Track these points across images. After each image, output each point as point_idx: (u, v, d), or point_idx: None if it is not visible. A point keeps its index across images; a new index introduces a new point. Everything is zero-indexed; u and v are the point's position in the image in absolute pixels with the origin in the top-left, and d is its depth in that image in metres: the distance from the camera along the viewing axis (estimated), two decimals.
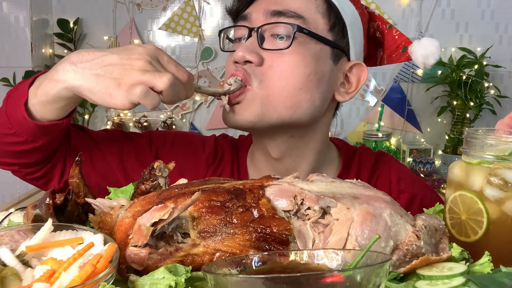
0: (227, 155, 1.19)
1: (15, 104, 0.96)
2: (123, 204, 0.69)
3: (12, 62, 2.50)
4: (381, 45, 1.16)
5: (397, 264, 0.62)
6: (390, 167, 1.16)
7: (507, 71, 2.52)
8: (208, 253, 0.61)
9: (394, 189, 1.12)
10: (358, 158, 1.17)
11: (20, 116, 0.94)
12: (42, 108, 0.93)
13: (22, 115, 0.94)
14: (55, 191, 0.72)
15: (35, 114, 0.94)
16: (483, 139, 0.72)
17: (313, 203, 0.65)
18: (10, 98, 0.99)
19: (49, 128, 0.97)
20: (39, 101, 0.92)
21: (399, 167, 1.19)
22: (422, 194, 1.12)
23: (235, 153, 1.20)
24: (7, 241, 0.64)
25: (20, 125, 0.95)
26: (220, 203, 0.64)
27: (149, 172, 0.72)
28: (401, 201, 1.08)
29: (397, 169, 1.17)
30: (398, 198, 1.08)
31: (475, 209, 0.71)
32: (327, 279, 0.48)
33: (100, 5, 2.61)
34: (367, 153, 1.20)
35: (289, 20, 1.00)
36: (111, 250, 0.57)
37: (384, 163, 1.17)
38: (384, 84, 2.68)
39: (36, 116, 0.94)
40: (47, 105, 0.93)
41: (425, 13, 2.52)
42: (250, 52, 0.99)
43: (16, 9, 2.47)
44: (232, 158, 1.19)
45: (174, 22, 2.59)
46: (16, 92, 0.98)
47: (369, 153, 1.20)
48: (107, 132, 1.18)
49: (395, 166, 1.18)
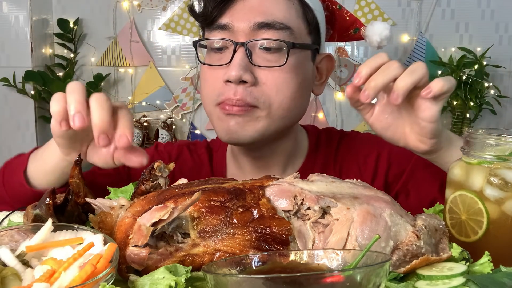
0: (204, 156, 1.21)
1: (13, 171, 1.00)
2: (123, 204, 0.69)
3: (12, 62, 2.50)
4: (330, 23, 1.17)
5: (397, 264, 0.62)
6: (355, 138, 1.21)
7: (507, 71, 2.51)
8: (208, 253, 0.61)
9: (361, 156, 1.16)
10: (325, 135, 1.21)
11: (18, 183, 0.98)
12: (38, 174, 0.97)
13: (20, 182, 0.97)
14: (55, 191, 0.72)
15: (32, 181, 0.99)
16: (483, 139, 0.72)
17: (313, 203, 0.65)
18: (9, 165, 1.04)
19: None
20: (36, 166, 0.97)
21: (362, 136, 1.23)
22: (388, 149, 1.14)
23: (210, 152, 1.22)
24: (7, 241, 0.64)
25: (16, 193, 0.99)
26: (220, 203, 0.64)
27: (149, 172, 0.72)
28: (369, 165, 1.13)
29: (361, 137, 1.21)
30: (365, 163, 1.14)
31: (475, 209, 0.71)
32: (327, 279, 0.48)
33: (100, 5, 2.61)
34: (332, 130, 1.24)
35: (278, 33, 0.98)
36: (111, 250, 0.57)
37: (350, 136, 1.22)
38: None
39: (33, 183, 0.99)
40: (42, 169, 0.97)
41: (425, 13, 2.52)
42: (245, 71, 0.96)
43: (16, 9, 2.47)
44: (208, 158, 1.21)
45: (174, 22, 2.59)
46: (15, 160, 1.03)
47: (333, 130, 1.25)
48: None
49: (359, 136, 1.23)
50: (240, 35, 0.99)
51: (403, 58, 2.51)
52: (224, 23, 1.00)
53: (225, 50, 1.01)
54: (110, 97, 0.80)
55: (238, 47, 0.97)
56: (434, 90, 0.79)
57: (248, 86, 0.97)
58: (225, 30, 1.00)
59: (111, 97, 2.67)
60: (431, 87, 0.80)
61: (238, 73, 0.95)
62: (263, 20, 0.98)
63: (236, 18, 0.99)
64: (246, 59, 0.97)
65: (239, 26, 0.98)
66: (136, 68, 2.64)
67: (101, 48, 2.63)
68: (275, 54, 0.99)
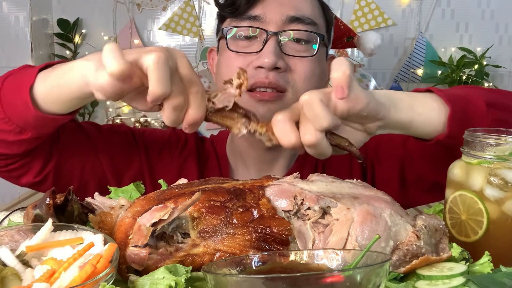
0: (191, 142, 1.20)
1: (16, 87, 0.87)
2: (123, 204, 0.69)
3: (12, 62, 2.49)
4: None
5: (397, 264, 0.62)
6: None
7: (507, 71, 2.51)
8: (208, 253, 0.61)
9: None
10: None
11: (21, 101, 0.85)
12: (50, 96, 0.84)
13: (25, 100, 0.85)
14: (55, 191, 0.72)
15: (39, 102, 0.85)
16: (483, 139, 0.72)
17: (313, 203, 0.65)
18: (9, 80, 0.90)
19: (48, 121, 0.88)
20: (50, 86, 0.84)
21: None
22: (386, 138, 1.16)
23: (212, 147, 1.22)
24: (7, 241, 0.64)
25: (15, 111, 0.87)
26: (220, 203, 0.64)
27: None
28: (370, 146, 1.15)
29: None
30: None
31: (475, 209, 0.71)
32: (327, 279, 0.48)
33: (100, 5, 2.61)
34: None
35: (307, 28, 1.06)
36: (111, 250, 0.57)
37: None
38: (384, 84, 2.67)
39: (39, 104, 0.86)
40: (56, 93, 0.83)
41: (425, 13, 2.52)
42: (279, 59, 1.02)
43: (16, 9, 2.47)
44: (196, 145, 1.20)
45: (174, 22, 2.59)
46: (19, 75, 0.90)
47: None
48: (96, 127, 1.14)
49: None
50: (272, 26, 1.04)
51: (403, 58, 2.51)
52: (256, 15, 1.06)
53: (253, 39, 1.06)
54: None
55: (270, 36, 1.03)
56: (344, 85, 0.71)
57: (281, 71, 1.03)
58: (256, 21, 1.06)
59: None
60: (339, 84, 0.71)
61: (273, 60, 1.00)
62: (294, 14, 1.05)
63: (268, 10, 1.06)
64: (278, 47, 1.03)
65: (272, 18, 1.05)
66: None
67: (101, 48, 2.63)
68: (303, 45, 1.06)
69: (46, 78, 0.85)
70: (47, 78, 0.85)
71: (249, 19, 1.06)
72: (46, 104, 0.86)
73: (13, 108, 0.88)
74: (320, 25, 1.10)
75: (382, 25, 2.50)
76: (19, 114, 0.88)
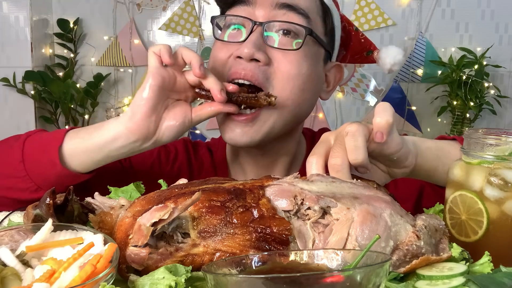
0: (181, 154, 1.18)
1: (43, 146, 0.93)
2: (123, 204, 0.69)
3: (12, 62, 2.50)
4: (344, 45, 1.18)
5: (397, 264, 0.62)
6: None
7: (507, 71, 2.51)
8: (208, 253, 0.61)
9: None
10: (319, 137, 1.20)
11: (47, 160, 0.91)
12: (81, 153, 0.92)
13: (51, 159, 0.91)
14: (55, 191, 0.72)
15: (66, 159, 0.92)
16: (483, 139, 0.72)
17: (313, 203, 0.65)
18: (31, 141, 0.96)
19: (69, 178, 0.93)
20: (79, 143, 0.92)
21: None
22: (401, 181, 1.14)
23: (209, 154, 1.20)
24: (7, 241, 0.64)
25: (38, 169, 0.92)
26: (220, 203, 0.64)
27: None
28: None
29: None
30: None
31: (475, 209, 0.71)
32: (327, 279, 0.48)
33: (100, 5, 2.61)
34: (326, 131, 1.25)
35: (298, 18, 0.99)
36: (111, 250, 0.57)
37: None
38: (384, 84, 2.68)
39: (65, 162, 0.92)
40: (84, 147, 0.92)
41: (425, 13, 2.52)
42: (258, 50, 0.96)
43: (16, 9, 2.47)
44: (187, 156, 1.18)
45: (174, 22, 2.59)
46: (44, 136, 0.96)
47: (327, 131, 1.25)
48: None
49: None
50: (260, 13, 0.99)
51: (403, 58, 2.51)
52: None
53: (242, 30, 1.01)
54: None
55: (256, 26, 0.98)
56: (384, 132, 0.73)
57: (261, 65, 0.97)
58: (245, 5, 1.00)
59: (110, 97, 2.67)
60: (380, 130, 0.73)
61: (251, 51, 0.95)
62: (285, 0, 0.99)
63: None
64: (261, 39, 0.97)
65: (262, 2, 0.99)
66: (136, 68, 2.64)
67: (101, 48, 2.63)
68: (291, 39, 0.99)
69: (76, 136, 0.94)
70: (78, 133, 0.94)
71: (239, 3, 1.01)
72: (73, 160, 0.93)
73: (37, 166, 0.93)
74: (314, 22, 1.02)
75: (382, 25, 2.50)
76: (42, 172, 0.93)
